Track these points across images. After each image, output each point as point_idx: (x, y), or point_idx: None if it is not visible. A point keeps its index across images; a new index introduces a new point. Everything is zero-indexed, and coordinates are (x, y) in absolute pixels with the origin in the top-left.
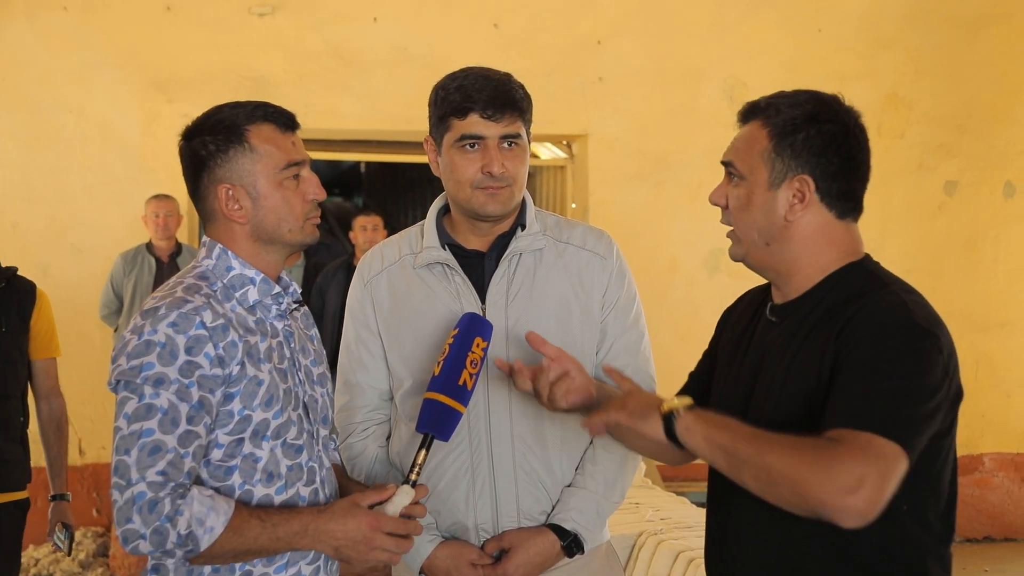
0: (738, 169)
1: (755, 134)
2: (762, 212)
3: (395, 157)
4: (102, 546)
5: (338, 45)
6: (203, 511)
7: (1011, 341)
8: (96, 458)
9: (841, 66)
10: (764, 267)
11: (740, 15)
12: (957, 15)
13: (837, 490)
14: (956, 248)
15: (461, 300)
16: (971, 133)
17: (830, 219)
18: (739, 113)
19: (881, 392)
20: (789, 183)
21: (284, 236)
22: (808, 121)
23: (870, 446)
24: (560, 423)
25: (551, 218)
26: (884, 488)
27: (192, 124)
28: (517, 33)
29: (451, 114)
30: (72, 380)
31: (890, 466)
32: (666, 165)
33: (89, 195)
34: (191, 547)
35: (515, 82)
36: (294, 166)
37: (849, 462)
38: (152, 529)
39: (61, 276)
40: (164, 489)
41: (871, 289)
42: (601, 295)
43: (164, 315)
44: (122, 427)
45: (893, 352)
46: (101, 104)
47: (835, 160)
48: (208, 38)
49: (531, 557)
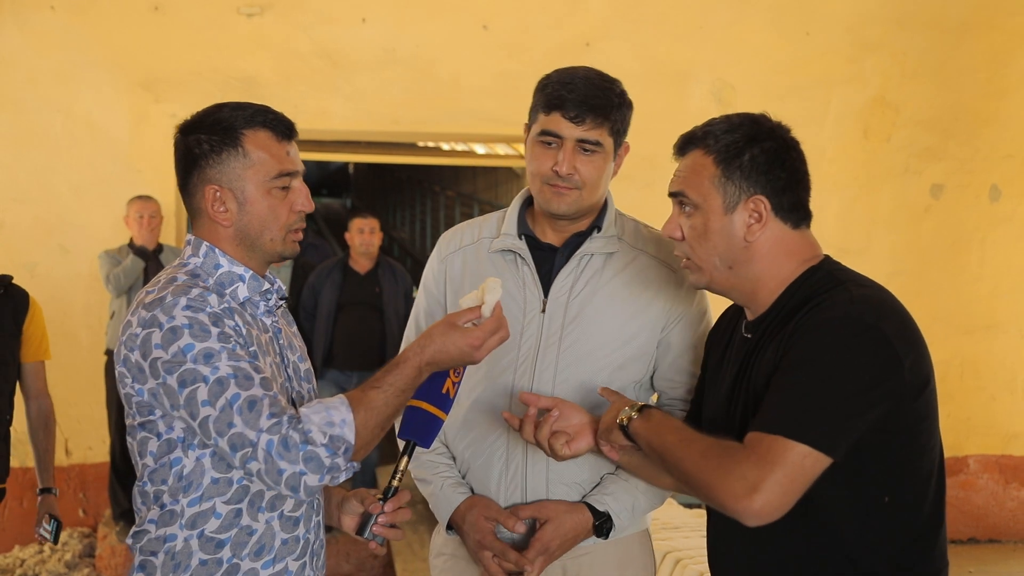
0: (690, 198)
1: (700, 162)
2: (721, 237)
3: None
4: (88, 546)
5: (327, 46)
6: (324, 416)
7: (996, 344)
8: (83, 458)
9: (828, 69)
10: (729, 289)
11: (728, 18)
12: (943, 20)
13: (732, 494)
14: (942, 251)
15: (526, 291)
16: (957, 137)
17: (786, 231)
18: (675, 147)
19: (795, 393)
20: (744, 205)
21: (265, 244)
22: (749, 142)
23: (770, 451)
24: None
25: (631, 223)
26: (786, 490)
27: (190, 119)
28: (506, 35)
29: (541, 108)
30: (59, 380)
31: (793, 468)
32: (654, 167)
33: (76, 195)
34: (343, 446)
35: (614, 90)
36: (285, 176)
37: (745, 467)
38: (303, 460)
39: (48, 276)
40: (283, 426)
41: (824, 290)
42: (667, 308)
43: (173, 302)
44: (210, 412)
45: (821, 350)
46: (89, 104)
47: (782, 175)
48: (196, 38)
49: (565, 531)
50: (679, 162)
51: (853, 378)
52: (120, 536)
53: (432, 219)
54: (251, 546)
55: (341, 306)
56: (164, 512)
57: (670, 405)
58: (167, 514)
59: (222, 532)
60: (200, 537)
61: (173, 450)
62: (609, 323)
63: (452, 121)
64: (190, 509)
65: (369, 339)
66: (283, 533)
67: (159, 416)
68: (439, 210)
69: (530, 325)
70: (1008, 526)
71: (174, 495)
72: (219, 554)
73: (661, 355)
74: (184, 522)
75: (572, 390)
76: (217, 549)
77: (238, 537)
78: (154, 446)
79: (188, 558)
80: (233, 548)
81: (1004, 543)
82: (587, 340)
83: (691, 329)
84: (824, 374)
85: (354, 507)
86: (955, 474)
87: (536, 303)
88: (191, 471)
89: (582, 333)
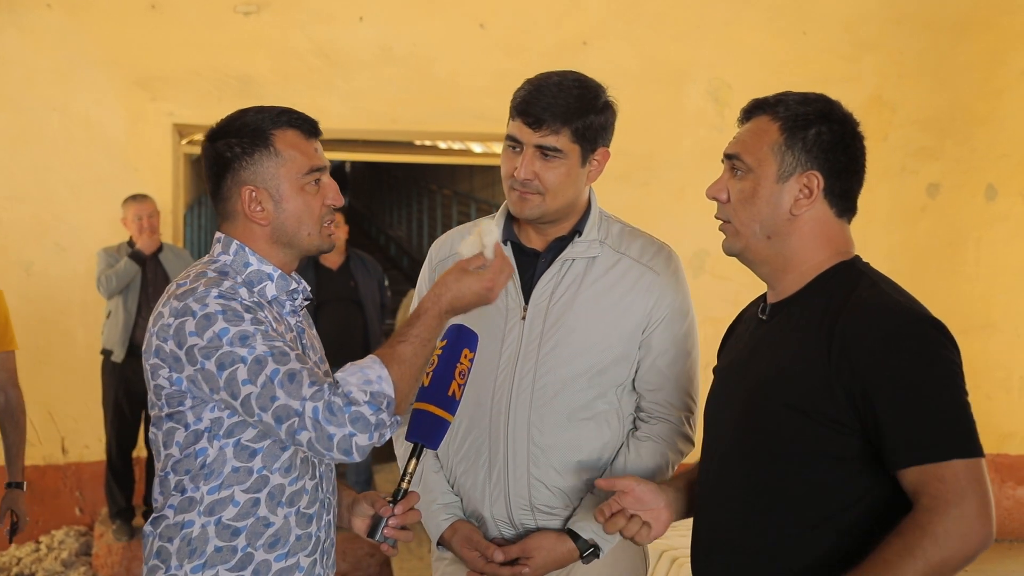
0: (745, 162)
1: (765, 127)
2: (768, 204)
3: (380, 157)
4: (84, 545)
5: (323, 44)
6: (360, 376)
7: (992, 343)
8: (79, 457)
9: (825, 68)
10: (761, 261)
11: (725, 17)
12: (940, 19)
13: (965, 542)
14: (938, 250)
15: (507, 298)
16: (953, 136)
17: (830, 216)
18: (743, 110)
19: (934, 411)
20: (798, 177)
21: (303, 240)
22: (820, 118)
23: (957, 480)
24: (577, 430)
25: (616, 226)
26: (991, 501)
27: (217, 126)
28: (503, 34)
29: (510, 112)
30: (55, 379)
31: (981, 482)
32: (651, 166)
33: (73, 193)
34: (386, 400)
35: (585, 96)
36: (316, 171)
37: (955, 513)
38: (350, 421)
39: (44, 274)
40: (324, 392)
41: (861, 289)
42: (648, 311)
43: (206, 292)
44: (252, 390)
45: (921, 357)
46: (85, 102)
47: (842, 159)
48: (193, 37)
49: (548, 563)
50: (741, 127)
51: (958, 378)
52: (117, 535)
53: (429, 218)
54: (266, 537)
55: (319, 304)
56: (184, 498)
57: (650, 407)
58: (186, 500)
59: (239, 520)
60: (217, 524)
61: (199, 440)
62: (590, 327)
63: (449, 120)
64: (209, 496)
65: (351, 333)
66: (298, 529)
67: (188, 407)
68: (436, 209)
69: (511, 331)
70: (1003, 525)
71: (195, 482)
72: (234, 542)
73: (642, 357)
74: (202, 509)
75: (552, 395)
76: (233, 537)
77: (254, 527)
78: (181, 436)
79: (204, 544)
80: (248, 537)
81: (1000, 542)
82: (567, 344)
83: (671, 331)
84: (935, 386)
85: (364, 509)
86: None
87: (517, 309)
88: (214, 460)
89: (562, 337)
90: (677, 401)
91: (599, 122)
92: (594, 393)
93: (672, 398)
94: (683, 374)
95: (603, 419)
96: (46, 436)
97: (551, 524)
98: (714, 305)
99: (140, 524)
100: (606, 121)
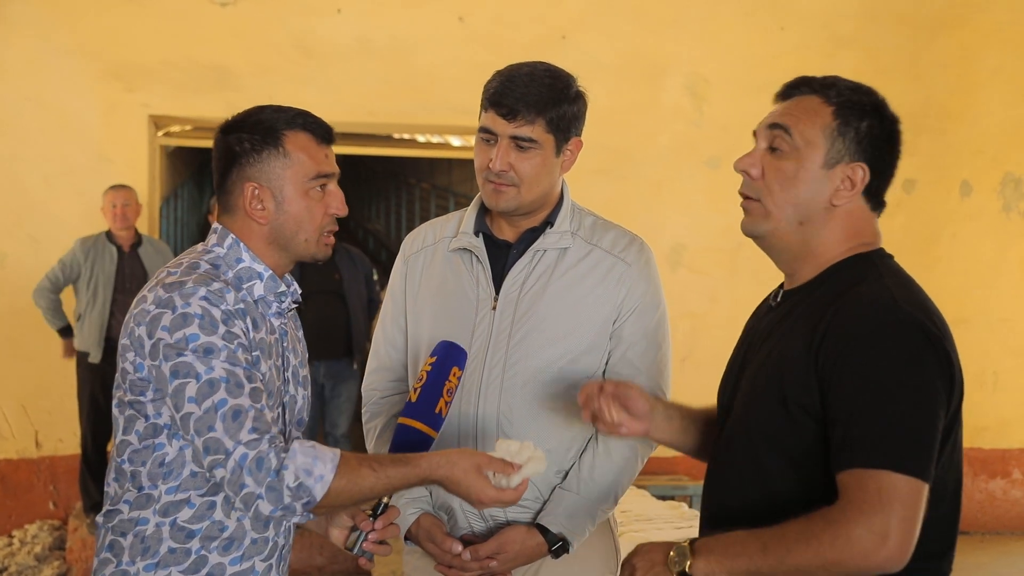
0: (793, 137)
1: (817, 108)
2: (808, 189)
3: (358, 150)
4: (58, 539)
5: (301, 36)
6: (308, 462)
7: (966, 338)
8: (53, 450)
9: (802, 64)
10: (784, 247)
11: (703, 12)
12: (915, 17)
13: (864, 553)
14: (913, 245)
15: (478, 288)
16: (929, 133)
17: (865, 210)
18: (786, 86)
19: (886, 417)
20: (844, 167)
21: (299, 245)
22: (874, 111)
23: (881, 490)
24: (547, 420)
25: (589, 218)
26: (912, 527)
27: (231, 120)
28: (482, 27)
29: (483, 104)
30: (29, 372)
31: (911, 504)
32: (629, 160)
33: (47, 185)
34: (307, 499)
35: (556, 86)
36: (323, 177)
37: (864, 521)
38: (266, 487)
39: (18, 266)
40: (262, 443)
41: (865, 282)
42: (619, 302)
43: (194, 289)
44: (194, 410)
45: (888, 362)
46: (59, 93)
47: (887, 157)
48: (170, 27)
49: (518, 558)
50: (780, 104)
51: (929, 391)
52: (91, 529)
53: (407, 211)
54: (221, 541)
55: (303, 297)
56: (141, 495)
57: None
58: (143, 497)
59: (194, 523)
60: (172, 525)
61: (158, 435)
62: (560, 318)
63: (428, 113)
64: (167, 496)
65: (334, 327)
66: (253, 533)
67: (149, 399)
68: (414, 202)
69: (481, 322)
70: (976, 518)
71: (153, 480)
72: (188, 544)
73: (612, 348)
74: (158, 508)
75: (521, 385)
76: (187, 539)
77: (209, 530)
78: (140, 426)
79: (157, 544)
80: (203, 540)
81: (972, 534)
82: (537, 335)
83: (642, 322)
84: (901, 393)
85: (343, 520)
86: None
87: (488, 300)
88: (172, 459)
89: (532, 328)
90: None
91: (572, 111)
92: (565, 384)
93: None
94: (653, 366)
95: (573, 410)
96: (19, 430)
97: (521, 516)
98: (691, 300)
99: None
100: (578, 111)
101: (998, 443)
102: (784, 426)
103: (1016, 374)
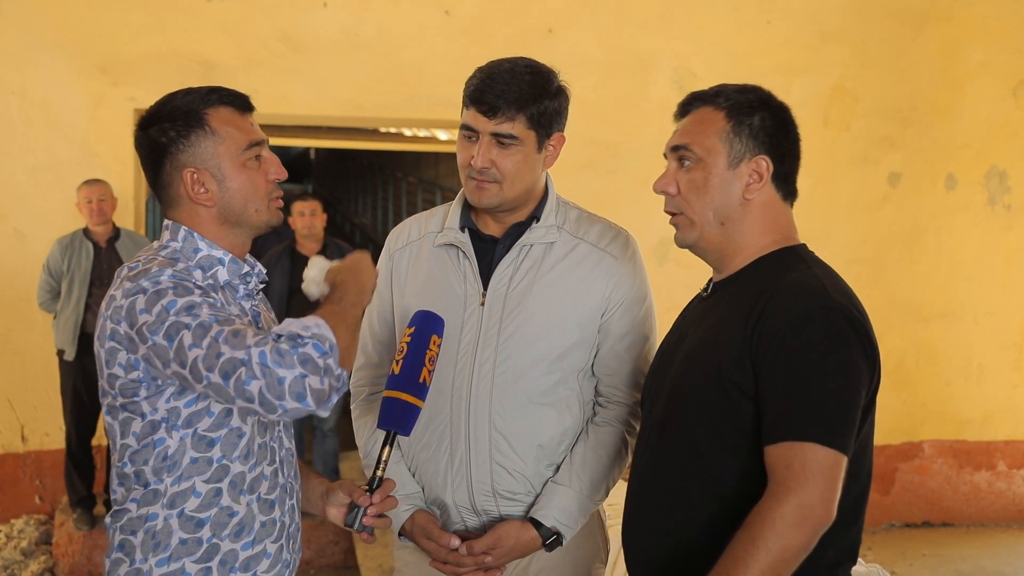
0: (694, 151)
1: (709, 117)
2: (720, 192)
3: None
4: (45, 534)
5: (287, 30)
6: (298, 324)
7: (951, 331)
8: (39, 445)
9: (789, 58)
10: (712, 248)
11: (690, 6)
12: (902, 10)
13: (801, 527)
14: (899, 239)
15: (466, 283)
16: (915, 126)
17: (777, 200)
18: (680, 105)
19: (811, 396)
20: (747, 163)
21: (251, 217)
22: (761, 105)
23: (806, 466)
24: (538, 415)
25: (574, 212)
26: (833, 497)
27: (147, 113)
28: (468, 20)
29: (464, 102)
30: (15, 366)
31: (832, 476)
32: (616, 154)
33: (32, 179)
34: (328, 344)
35: (537, 82)
36: (255, 146)
37: (792, 498)
38: (300, 362)
39: (3, 261)
40: (270, 340)
41: (793, 271)
42: (606, 295)
43: (160, 271)
44: (198, 353)
45: (817, 344)
46: (44, 86)
47: (785, 144)
48: (156, 20)
49: (512, 552)
50: (679, 122)
51: (850, 372)
52: (77, 523)
53: (394, 205)
54: (231, 527)
55: (293, 291)
56: (147, 491)
57: (608, 391)
58: (150, 493)
59: (201, 511)
60: (180, 516)
61: (156, 431)
62: (549, 312)
63: (414, 107)
64: (172, 488)
65: None
66: (261, 516)
67: (143, 397)
68: (401, 196)
69: (470, 318)
70: (961, 510)
71: (158, 474)
72: (199, 533)
73: (601, 341)
74: (165, 501)
75: (512, 380)
76: (197, 528)
77: (218, 517)
78: (137, 427)
79: (168, 537)
80: (213, 528)
81: (957, 527)
82: (527, 330)
83: (630, 315)
84: (828, 371)
85: (340, 498)
86: (910, 459)
87: (476, 296)
88: (175, 451)
89: (521, 323)
90: (634, 384)
91: (553, 107)
92: (555, 378)
93: (629, 381)
94: (641, 357)
95: (564, 404)
96: (5, 424)
97: (513, 510)
98: (679, 293)
99: (101, 513)
100: (560, 106)
101: (983, 435)
102: (719, 404)
103: (1001, 367)
